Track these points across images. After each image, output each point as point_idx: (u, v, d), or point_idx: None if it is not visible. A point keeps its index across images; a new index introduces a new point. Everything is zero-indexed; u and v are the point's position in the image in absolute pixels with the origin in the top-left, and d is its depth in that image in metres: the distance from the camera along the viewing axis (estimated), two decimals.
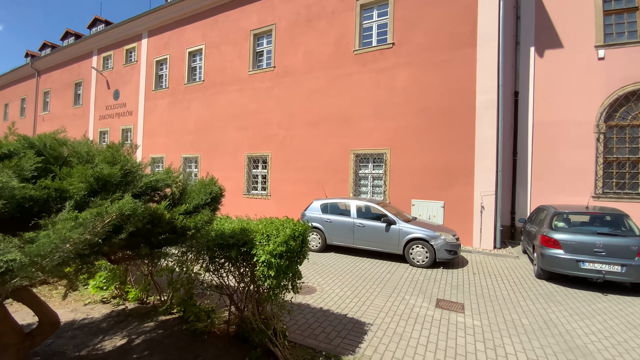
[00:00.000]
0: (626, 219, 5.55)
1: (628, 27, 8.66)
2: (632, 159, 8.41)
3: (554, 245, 5.54)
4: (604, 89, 8.58)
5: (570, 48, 8.99)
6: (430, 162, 9.04)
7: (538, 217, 6.79)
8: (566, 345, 3.58)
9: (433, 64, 9.13)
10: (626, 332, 3.91)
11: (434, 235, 6.66)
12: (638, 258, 4.99)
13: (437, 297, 4.98)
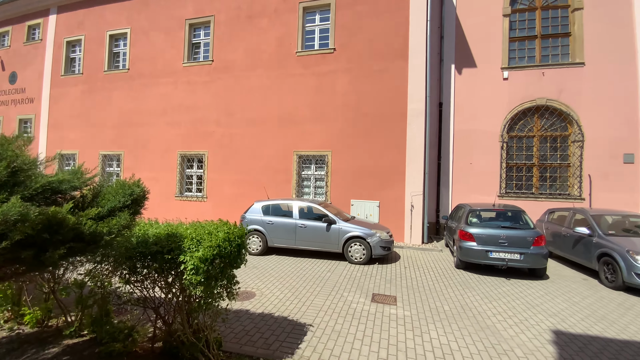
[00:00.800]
0: (523, 214, 6.63)
1: (528, 52, 10.41)
2: (527, 164, 10.12)
3: (469, 239, 6.33)
4: (507, 104, 10.15)
5: (482, 68, 10.43)
6: (368, 164, 9.54)
7: (457, 214, 7.68)
8: (479, 325, 4.10)
9: (371, 72, 9.67)
10: (526, 311, 4.63)
11: (370, 233, 7.03)
12: (532, 247, 5.99)
13: (373, 292, 5.25)
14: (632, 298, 5.17)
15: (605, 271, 5.76)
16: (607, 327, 4.09)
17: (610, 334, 3.92)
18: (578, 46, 9.77)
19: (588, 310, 4.67)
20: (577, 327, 4.09)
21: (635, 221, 6.64)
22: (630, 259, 5.29)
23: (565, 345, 3.60)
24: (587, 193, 9.45)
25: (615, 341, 3.73)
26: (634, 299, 5.14)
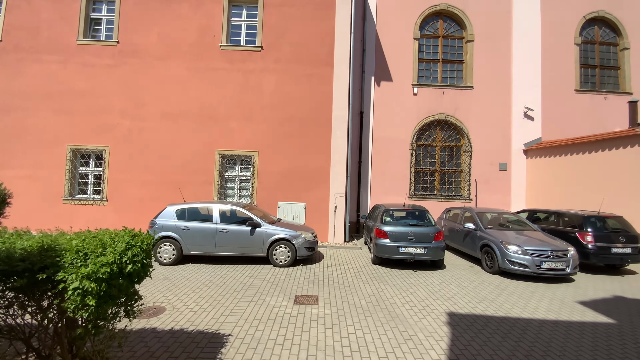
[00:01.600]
0: (427, 213, 7.58)
1: (432, 73, 11.99)
2: (431, 169, 11.66)
3: (384, 236, 6.93)
4: (416, 117, 11.52)
5: (397, 82, 11.61)
6: (295, 166, 9.59)
7: (374, 214, 8.33)
8: (390, 316, 4.48)
9: (298, 75, 9.77)
10: (428, 298, 5.26)
11: (295, 234, 7.05)
12: (434, 242, 6.88)
13: (296, 294, 5.26)
14: (506, 281, 6.39)
15: (486, 259, 7.02)
16: (488, 306, 4.95)
17: (490, 312, 4.75)
18: (469, 72, 11.74)
19: (474, 293, 5.58)
20: (466, 308, 4.84)
21: (507, 217, 8.26)
22: (503, 248, 6.55)
23: (457, 325, 4.21)
24: (474, 194, 11.40)
25: (495, 318, 4.53)
26: (507, 281, 6.36)
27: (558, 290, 5.81)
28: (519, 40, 11.73)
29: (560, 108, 11.75)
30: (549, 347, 3.65)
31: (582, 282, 6.33)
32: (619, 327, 4.26)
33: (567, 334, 4.00)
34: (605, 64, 12.29)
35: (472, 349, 3.57)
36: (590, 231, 6.99)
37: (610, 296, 5.54)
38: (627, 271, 7.33)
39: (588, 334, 4.03)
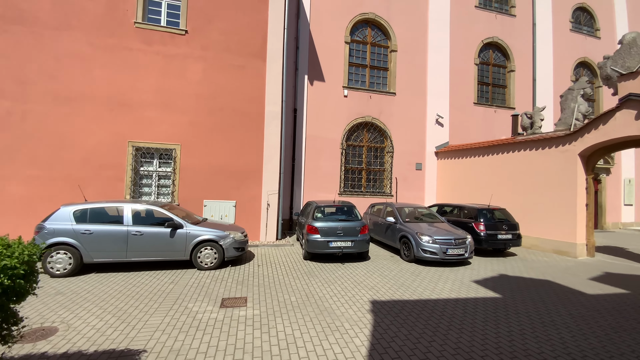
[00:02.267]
0: (354, 209, 8.02)
1: (361, 77, 12.69)
2: (358, 168, 12.38)
3: (315, 232, 7.09)
4: (346, 118, 12.08)
5: (329, 83, 11.97)
6: (224, 162, 9.07)
7: (306, 210, 8.45)
8: (318, 309, 4.59)
9: (229, 66, 9.24)
10: (354, 289, 5.56)
11: (223, 235, 6.68)
12: (360, 235, 7.32)
13: (223, 297, 4.98)
14: (420, 267, 7.18)
15: (404, 249, 7.78)
16: (405, 292, 5.49)
17: (406, 296, 5.27)
18: (393, 80, 12.81)
19: (394, 280, 6.12)
20: (386, 294, 5.28)
21: (421, 211, 9.28)
22: (418, 238, 7.35)
23: (378, 311, 4.55)
24: (395, 191, 12.53)
25: (410, 301, 5.04)
26: (420, 267, 7.15)
27: (459, 272, 6.80)
28: (433, 56, 13.29)
29: (462, 117, 13.74)
30: (452, 322, 4.23)
31: (476, 265, 7.53)
32: (503, 300, 5.19)
33: (465, 309, 4.70)
34: (496, 83, 14.84)
35: (390, 332, 3.90)
36: (482, 221, 8.38)
37: (497, 275, 6.72)
38: (509, 253, 9.00)
39: (481, 307, 4.80)
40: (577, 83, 9.16)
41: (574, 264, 7.82)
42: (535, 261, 8.02)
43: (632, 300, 5.28)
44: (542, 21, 15.12)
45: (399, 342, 3.66)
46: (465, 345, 3.62)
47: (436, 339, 3.75)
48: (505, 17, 14.68)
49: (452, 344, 3.63)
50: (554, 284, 6.12)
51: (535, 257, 8.45)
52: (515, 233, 8.53)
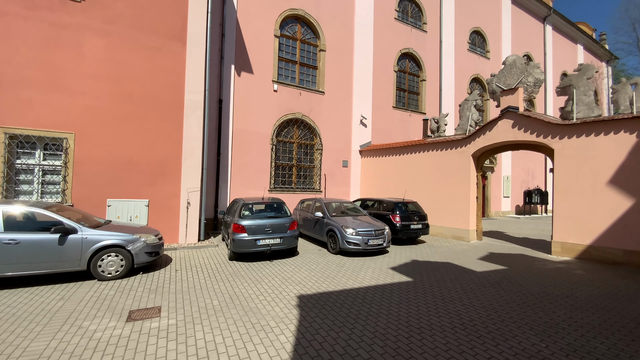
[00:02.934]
0: (283, 205, 7.96)
1: (291, 73, 12.61)
2: (289, 164, 12.36)
3: (242, 231, 6.80)
4: (276, 113, 11.89)
5: (258, 76, 11.59)
6: (134, 155, 7.96)
7: (233, 209, 8.05)
8: (243, 310, 4.41)
9: (141, 46, 8.10)
10: (281, 285, 5.51)
11: (132, 239, 5.86)
12: (288, 231, 7.30)
13: (131, 309, 4.37)
14: (344, 259, 7.55)
15: (330, 242, 8.08)
16: (330, 283, 5.69)
17: (331, 288, 5.46)
18: (322, 79, 13.12)
19: (320, 273, 6.29)
20: (313, 288, 5.39)
21: (346, 205, 9.78)
22: (343, 231, 7.71)
23: (305, 305, 4.61)
24: (323, 187, 12.93)
25: (335, 292, 5.24)
26: (345, 259, 7.52)
27: (378, 261, 7.39)
28: (359, 60, 14.07)
29: (383, 119, 14.95)
30: (371, 308, 4.56)
31: (393, 253, 8.31)
32: (414, 283, 5.82)
33: (383, 294, 5.13)
34: (411, 90, 16.56)
35: (315, 324, 3.99)
36: (398, 213, 9.29)
37: (410, 260, 7.52)
38: (420, 241, 10.18)
39: (396, 291, 5.30)
40: (471, 95, 10.85)
41: (468, 247, 9.30)
42: (439, 247, 9.26)
43: (509, 274, 6.53)
44: (447, 39, 17.44)
45: (323, 333, 3.77)
46: (381, 328, 3.93)
47: (357, 325, 3.99)
48: (419, 32, 16.45)
49: (371, 329, 3.90)
50: (452, 265, 7.15)
51: (440, 243, 9.77)
52: (424, 223, 9.69)
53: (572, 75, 8.46)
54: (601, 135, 7.56)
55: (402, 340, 3.61)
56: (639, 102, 7.25)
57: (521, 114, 8.99)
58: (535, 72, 9.12)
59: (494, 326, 4.03)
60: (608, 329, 3.97)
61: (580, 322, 4.17)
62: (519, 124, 9.06)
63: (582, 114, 8.02)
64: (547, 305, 4.75)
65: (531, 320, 4.23)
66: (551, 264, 7.40)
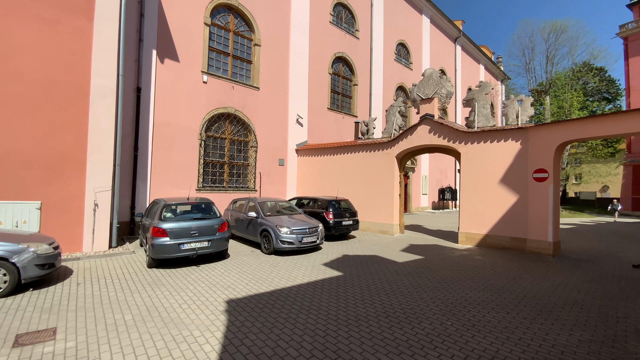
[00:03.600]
0: (212, 205, 7.49)
1: (223, 65, 11.91)
2: (220, 162, 11.69)
3: (162, 235, 6.17)
4: (206, 106, 11.11)
5: (185, 64, 10.66)
6: (23, 147, 6.53)
7: (152, 210, 7.24)
8: (163, 322, 4.00)
9: (33, 16, 6.68)
10: (208, 291, 5.16)
11: (17, 249, 4.81)
12: (218, 234, 6.89)
13: (18, 333, 3.58)
14: (278, 258, 7.48)
15: (264, 242, 7.92)
16: (262, 284, 5.56)
17: (263, 289, 5.34)
18: (256, 74, 12.74)
19: (252, 275, 6.11)
20: (243, 291, 5.20)
21: (282, 204, 9.71)
22: (277, 231, 7.63)
23: (233, 310, 4.41)
24: (258, 186, 12.61)
25: (266, 293, 5.13)
26: (279, 259, 7.45)
27: (311, 258, 7.54)
28: (295, 59, 14.09)
29: (318, 119, 15.30)
30: (302, 305, 4.61)
31: (326, 249, 8.57)
32: (344, 276, 6.08)
33: (314, 291, 5.23)
34: (344, 93, 17.30)
35: (244, 328, 3.85)
36: (331, 211, 9.62)
37: (341, 255, 7.85)
38: (351, 236, 10.71)
39: (327, 286, 5.46)
40: (396, 102, 11.85)
41: (392, 240, 10.15)
42: (367, 240, 9.90)
43: (425, 263, 7.33)
44: (376, 48, 18.71)
45: (252, 336, 3.66)
46: (311, 324, 4.00)
47: (287, 324, 3.98)
48: (352, 38, 17.28)
49: (301, 326, 3.93)
50: (378, 257, 7.72)
51: (368, 238, 10.45)
52: (355, 219, 10.24)
53: (474, 90, 9.92)
54: (495, 142, 9.04)
55: (330, 334, 3.73)
56: (523, 115, 8.89)
57: (436, 121, 10.19)
58: (447, 85, 10.43)
59: (411, 311, 4.47)
60: (498, 305, 4.77)
61: (478, 301, 4.91)
62: (434, 130, 10.24)
63: (481, 124, 9.48)
64: (453, 288, 5.48)
65: (440, 302, 4.83)
66: (458, 251, 8.57)
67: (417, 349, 3.43)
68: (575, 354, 3.37)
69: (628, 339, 3.68)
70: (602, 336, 3.77)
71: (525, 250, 8.39)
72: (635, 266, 7.14)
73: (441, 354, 3.32)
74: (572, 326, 4.04)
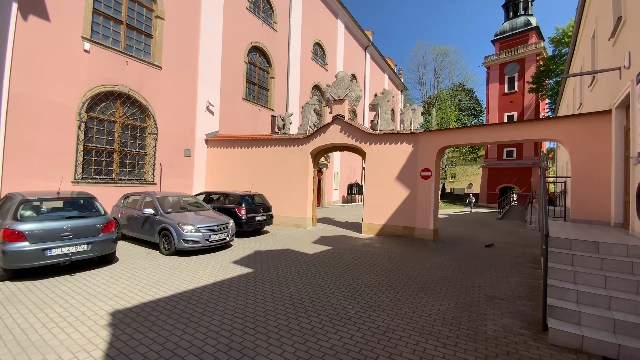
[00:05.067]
0: (94, 201, 6.25)
1: (114, 34, 9.98)
2: (108, 149, 9.86)
3: (18, 238, 4.82)
4: (87, 80, 9.15)
5: (59, 26, 8.53)
6: None
7: (4, 208, 5.60)
8: (20, 347, 3.15)
9: None
10: (87, 303, 4.30)
11: None
12: (102, 234, 5.80)
13: None
14: (181, 259, 6.79)
15: (164, 242, 7.08)
16: (160, 289, 4.95)
17: (160, 294, 4.76)
18: (158, 50, 11.18)
19: (147, 280, 5.38)
20: (135, 299, 4.53)
21: (187, 200, 8.84)
22: (179, 229, 6.91)
23: (120, 322, 3.80)
24: (158, 179, 11.18)
25: (164, 298, 4.59)
26: (181, 259, 6.77)
27: (220, 256, 7.13)
28: (206, 41, 12.94)
29: (232, 109, 14.51)
30: (207, 306, 4.30)
31: (237, 246, 8.24)
32: (254, 273, 5.95)
33: (221, 290, 4.96)
34: (261, 85, 16.85)
35: (133, 342, 3.35)
36: (244, 206, 9.30)
37: (253, 252, 7.66)
38: (265, 232, 10.57)
39: (235, 285, 5.25)
40: (311, 100, 12.20)
41: (305, 233, 10.48)
42: (281, 235, 9.96)
43: (333, 252, 7.80)
44: (294, 44, 18.82)
45: (143, 349, 3.22)
46: (216, 325, 3.78)
47: (188, 329, 3.66)
48: (269, 29, 16.90)
49: (203, 329, 3.67)
50: (291, 250, 7.85)
51: (282, 232, 10.52)
52: (269, 214, 10.15)
53: (379, 97, 11.03)
54: (393, 144, 10.26)
55: (236, 333, 3.60)
56: (415, 122, 10.32)
57: (346, 121, 10.92)
58: (356, 89, 11.29)
59: (317, 299, 4.70)
60: (391, 285, 5.45)
61: (375, 284, 5.51)
62: (344, 129, 10.96)
63: (383, 127, 10.62)
64: (355, 274, 6.01)
65: (344, 288, 5.23)
66: (361, 240, 9.44)
67: (320, 334, 3.62)
68: (444, 319, 4.13)
69: (480, 304, 4.72)
70: (463, 302, 4.73)
71: (413, 237, 9.84)
72: (486, 246, 9.21)
73: (342, 336, 3.59)
74: (443, 297, 4.95)
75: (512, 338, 3.65)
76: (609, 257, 4.14)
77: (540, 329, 3.85)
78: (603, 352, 3.22)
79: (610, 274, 3.91)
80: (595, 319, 3.48)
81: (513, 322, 4.09)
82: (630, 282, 3.74)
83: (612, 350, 3.17)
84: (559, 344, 3.45)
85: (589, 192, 6.86)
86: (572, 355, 3.27)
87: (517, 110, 34.42)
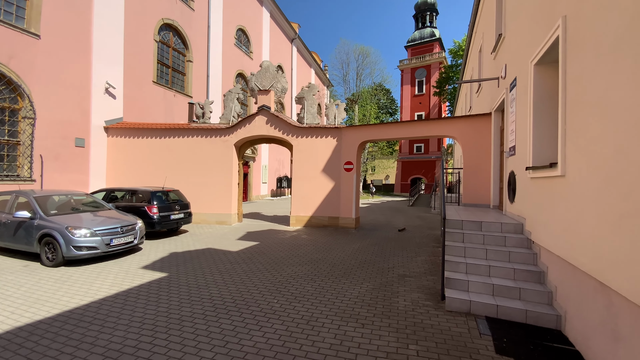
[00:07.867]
0: None
1: None
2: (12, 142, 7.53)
3: None
4: None
5: None
6: None
7: None
8: None
9: None
10: None
11: None
12: None
13: None
14: (71, 269, 5.66)
15: (47, 252, 5.80)
16: (41, 308, 4.03)
17: (42, 314, 3.87)
18: (35, 15, 8.97)
19: (22, 299, 4.33)
20: (5, 324, 3.59)
21: (80, 199, 7.41)
22: (69, 234, 5.74)
23: None
24: (38, 174, 9.09)
25: (47, 318, 3.74)
26: (72, 270, 5.66)
27: (125, 262, 6.21)
28: (102, 10, 10.92)
29: (140, 93, 12.70)
30: (106, 321, 3.68)
31: (147, 249, 7.31)
32: (168, 278, 5.36)
33: (126, 301, 4.31)
34: (176, 68, 15.16)
35: None
36: (156, 204, 8.28)
37: (167, 254, 6.90)
38: (182, 231, 9.65)
39: (144, 293, 4.63)
40: (234, 88, 11.53)
41: (229, 229, 9.96)
42: (202, 234, 9.25)
43: (259, 248, 7.60)
44: (215, 27, 17.45)
45: None
46: (117, 342, 3.26)
47: (79, 353, 3.06)
48: (185, 7, 15.25)
49: (99, 349, 3.12)
50: (212, 249, 7.35)
51: (203, 230, 9.77)
52: (187, 212, 9.29)
53: (305, 90, 11.09)
54: (319, 137, 10.50)
55: (143, 348, 3.17)
56: (339, 117, 10.72)
57: (272, 113, 10.69)
58: (282, 80, 11.11)
59: (240, 297, 4.50)
60: (316, 274, 5.58)
61: (300, 274, 5.58)
62: (271, 121, 10.72)
63: (309, 121, 10.75)
64: (281, 267, 5.98)
65: (269, 282, 5.14)
66: (289, 233, 9.46)
67: (243, 334, 3.47)
68: (363, 300, 4.43)
69: (394, 283, 5.21)
70: (379, 283, 5.16)
71: (338, 226, 10.32)
72: (399, 230, 10.27)
73: (265, 332, 3.51)
74: (363, 280, 5.31)
75: (419, 310, 4.13)
76: (489, 233, 5.05)
77: (439, 299, 4.47)
78: (486, 313, 3.90)
79: (490, 247, 4.77)
80: (479, 285, 4.20)
81: (419, 295, 4.64)
82: (503, 253, 4.62)
83: (492, 310, 3.87)
84: (453, 310, 4.05)
85: (476, 181, 8.23)
86: (462, 318, 3.88)
87: (425, 110, 39.25)
